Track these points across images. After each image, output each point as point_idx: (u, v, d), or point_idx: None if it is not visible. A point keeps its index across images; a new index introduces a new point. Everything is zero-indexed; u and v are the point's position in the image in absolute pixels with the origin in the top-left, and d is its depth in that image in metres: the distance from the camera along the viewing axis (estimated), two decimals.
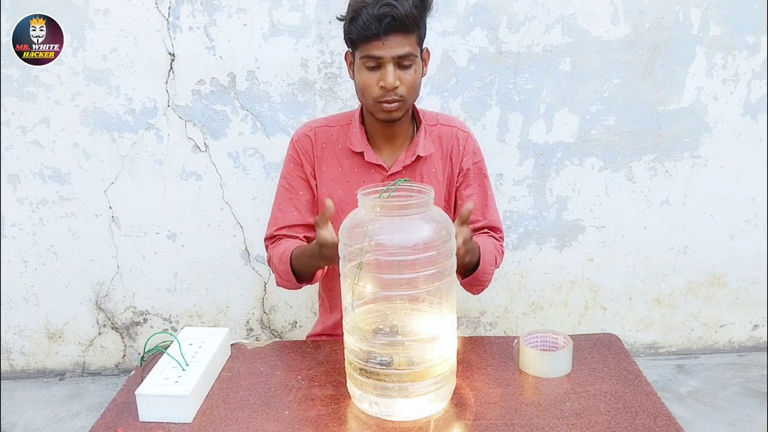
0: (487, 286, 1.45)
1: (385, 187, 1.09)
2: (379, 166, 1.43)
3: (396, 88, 1.29)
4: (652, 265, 2.39)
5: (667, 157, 2.26)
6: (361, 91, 1.34)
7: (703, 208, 2.33)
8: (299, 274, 1.40)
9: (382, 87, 1.29)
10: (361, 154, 1.42)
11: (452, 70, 2.12)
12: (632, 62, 2.14)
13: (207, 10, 2.04)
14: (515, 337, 1.30)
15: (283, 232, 1.47)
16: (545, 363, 1.22)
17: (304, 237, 1.48)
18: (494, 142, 2.20)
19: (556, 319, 2.44)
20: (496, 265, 1.47)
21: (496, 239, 1.52)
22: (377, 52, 1.26)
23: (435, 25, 2.07)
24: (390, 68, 1.27)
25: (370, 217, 1.06)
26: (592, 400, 1.14)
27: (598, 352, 1.31)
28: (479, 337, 1.42)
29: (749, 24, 2.12)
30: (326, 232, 1.20)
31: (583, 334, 1.37)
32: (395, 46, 1.26)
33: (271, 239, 1.49)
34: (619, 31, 2.10)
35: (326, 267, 1.45)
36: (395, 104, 1.31)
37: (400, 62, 1.28)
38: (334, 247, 1.17)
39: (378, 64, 1.28)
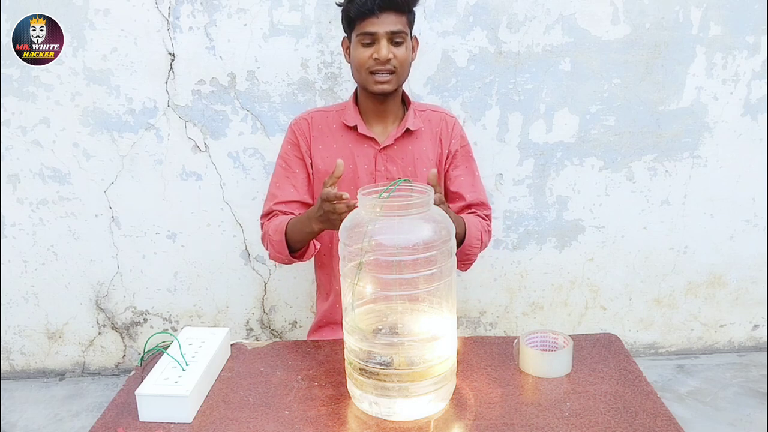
0: (473, 261, 1.55)
1: (385, 188, 1.09)
2: (372, 139, 1.52)
3: (389, 60, 1.41)
4: (652, 265, 2.39)
5: (667, 157, 2.26)
6: (357, 67, 1.45)
7: (703, 208, 2.33)
8: (293, 245, 1.45)
9: (375, 59, 1.40)
10: (355, 128, 1.52)
11: (452, 70, 2.12)
12: (632, 62, 2.14)
13: (207, 10, 2.04)
14: (515, 337, 1.30)
15: (280, 207, 1.54)
16: (545, 363, 1.22)
17: (299, 214, 1.55)
18: (494, 142, 2.20)
19: (556, 319, 2.44)
20: (482, 243, 1.55)
21: (483, 217, 1.61)
22: (372, 28, 1.40)
23: (435, 25, 2.07)
24: (384, 42, 1.40)
25: (370, 217, 1.06)
26: (592, 400, 1.14)
27: (598, 352, 1.31)
28: (479, 337, 1.42)
29: (749, 24, 2.12)
30: (331, 189, 1.25)
31: (583, 334, 1.37)
32: (388, 23, 1.40)
33: (267, 215, 1.56)
34: (619, 31, 2.10)
35: (319, 245, 1.54)
36: (387, 76, 1.43)
37: (393, 38, 1.41)
38: (336, 199, 1.22)
39: (372, 40, 1.41)
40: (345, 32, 1.51)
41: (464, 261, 1.53)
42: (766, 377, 2.31)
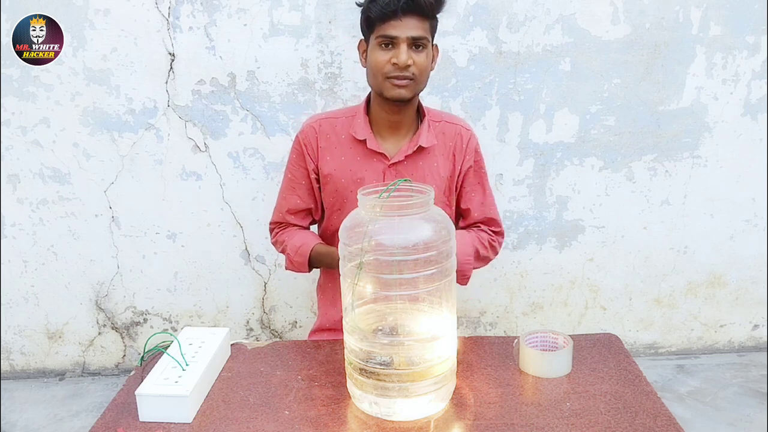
0: (469, 276, 1.51)
1: (385, 187, 1.09)
2: (381, 154, 1.47)
3: (408, 66, 1.34)
4: (652, 265, 2.39)
5: (667, 157, 2.26)
6: (373, 70, 1.38)
7: (703, 208, 2.33)
8: (314, 266, 1.53)
9: (394, 64, 1.34)
10: (364, 142, 1.46)
11: (452, 70, 2.12)
12: (632, 62, 2.14)
13: (207, 10, 2.04)
14: (515, 337, 1.30)
15: (290, 218, 1.56)
16: (545, 363, 1.22)
17: (309, 223, 1.60)
18: (494, 142, 2.20)
19: (556, 319, 2.44)
20: (478, 257, 1.52)
21: (489, 232, 1.57)
22: (393, 32, 1.33)
23: None
24: (404, 47, 1.33)
25: (370, 217, 1.06)
26: (592, 400, 1.14)
27: (598, 352, 1.31)
28: (479, 337, 1.42)
29: (749, 24, 2.12)
30: None
31: (583, 334, 1.37)
32: (411, 27, 1.33)
33: (277, 224, 1.59)
34: (619, 31, 2.10)
35: None
36: (405, 81, 1.36)
37: (414, 43, 1.34)
38: None
39: (392, 43, 1.34)
40: (363, 34, 1.42)
41: (459, 277, 1.47)
42: (766, 377, 2.31)
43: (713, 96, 2.20)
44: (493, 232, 1.58)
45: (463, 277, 1.51)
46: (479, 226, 1.57)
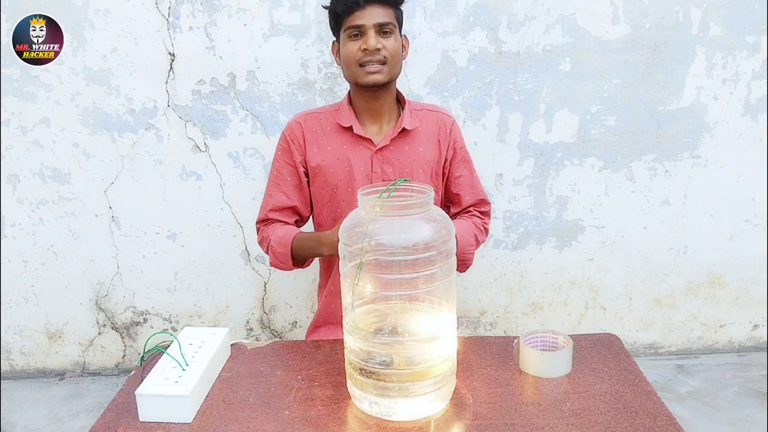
0: (470, 264, 1.55)
1: (385, 187, 1.09)
2: (368, 140, 1.51)
3: (378, 50, 1.40)
4: (652, 265, 2.39)
5: (667, 157, 2.26)
6: (346, 62, 1.44)
7: (703, 208, 2.33)
8: (297, 259, 1.50)
9: (365, 50, 1.40)
10: (350, 128, 1.51)
11: (452, 70, 2.12)
12: (632, 62, 2.14)
13: (207, 10, 2.04)
14: (515, 337, 1.30)
15: (274, 215, 1.56)
16: (545, 363, 1.22)
17: (294, 221, 1.58)
18: (494, 142, 2.20)
19: (556, 319, 2.44)
20: (477, 243, 1.57)
21: (479, 216, 1.62)
22: (359, 21, 1.40)
23: (435, 25, 2.07)
24: (372, 33, 1.40)
25: (370, 217, 1.06)
26: (592, 400, 1.14)
27: (598, 352, 1.31)
28: (479, 337, 1.42)
29: (749, 24, 2.12)
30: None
31: (583, 334, 1.37)
32: (375, 14, 1.40)
33: (263, 222, 1.58)
34: (619, 31, 2.10)
35: None
36: (378, 66, 1.42)
37: (381, 29, 1.41)
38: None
39: (360, 32, 1.41)
40: (333, 34, 1.50)
41: (460, 265, 1.52)
42: (766, 377, 2.31)
43: (713, 96, 2.20)
44: (483, 212, 1.63)
45: (464, 265, 1.54)
46: (470, 211, 1.62)
